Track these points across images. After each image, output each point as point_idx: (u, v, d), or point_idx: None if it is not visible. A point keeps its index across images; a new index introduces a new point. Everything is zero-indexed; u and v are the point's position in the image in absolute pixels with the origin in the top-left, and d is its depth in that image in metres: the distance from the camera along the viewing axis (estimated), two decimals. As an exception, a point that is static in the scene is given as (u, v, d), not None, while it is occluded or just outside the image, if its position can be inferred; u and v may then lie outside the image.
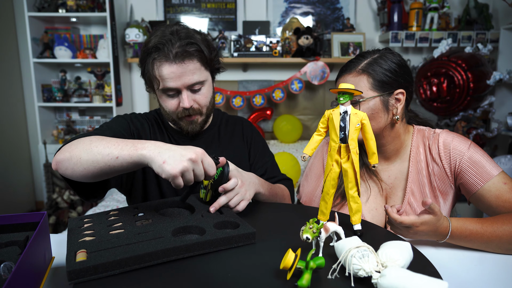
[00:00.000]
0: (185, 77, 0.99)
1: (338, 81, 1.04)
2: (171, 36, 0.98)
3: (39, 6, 2.94)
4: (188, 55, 0.98)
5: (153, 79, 1.01)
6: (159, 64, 0.98)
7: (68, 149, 0.83)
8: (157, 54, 0.98)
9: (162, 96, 1.05)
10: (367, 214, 1.04)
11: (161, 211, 0.85)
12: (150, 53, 0.99)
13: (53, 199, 2.98)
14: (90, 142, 0.81)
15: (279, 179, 1.22)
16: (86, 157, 0.79)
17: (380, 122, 0.99)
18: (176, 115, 1.05)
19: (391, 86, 0.98)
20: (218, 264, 0.64)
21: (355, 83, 0.97)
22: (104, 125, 1.05)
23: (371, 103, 0.97)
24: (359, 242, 0.60)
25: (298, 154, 2.90)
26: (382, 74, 0.97)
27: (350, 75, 0.99)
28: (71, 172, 0.82)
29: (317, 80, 2.95)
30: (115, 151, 0.77)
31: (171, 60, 0.97)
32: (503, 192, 0.92)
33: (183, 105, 1.01)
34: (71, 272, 0.57)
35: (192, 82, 1.00)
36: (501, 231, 0.84)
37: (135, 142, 0.78)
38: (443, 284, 0.50)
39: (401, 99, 0.99)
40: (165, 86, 1.00)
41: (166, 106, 1.05)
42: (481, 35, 2.91)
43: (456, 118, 2.80)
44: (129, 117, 1.13)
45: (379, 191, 1.07)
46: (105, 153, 0.78)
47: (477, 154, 0.97)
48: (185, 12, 3.23)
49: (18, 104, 3.34)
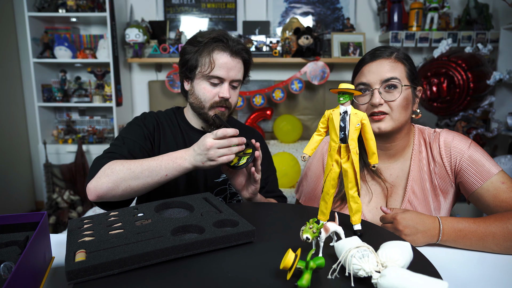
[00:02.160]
0: (233, 71, 1.11)
1: (368, 65, 1.01)
2: (228, 35, 1.13)
3: (39, 6, 2.94)
4: (242, 54, 1.13)
5: (204, 64, 1.10)
6: (218, 52, 1.09)
7: (107, 179, 0.95)
8: (218, 44, 1.10)
9: (203, 83, 1.12)
10: (368, 213, 1.05)
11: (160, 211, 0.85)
12: (208, 43, 1.10)
13: (53, 199, 2.98)
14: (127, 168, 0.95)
15: (276, 195, 1.26)
16: (136, 183, 0.95)
17: (408, 113, 1.01)
18: (211, 103, 1.12)
19: (417, 81, 1.03)
20: (218, 264, 0.64)
21: (393, 68, 0.98)
22: (119, 137, 1.11)
23: (406, 92, 0.99)
24: (359, 242, 0.60)
25: (298, 154, 2.90)
26: (413, 67, 1.01)
27: (387, 60, 0.99)
28: (119, 198, 0.97)
29: (317, 80, 2.95)
30: (162, 171, 0.95)
31: (230, 52, 1.10)
32: (500, 192, 0.92)
33: (223, 95, 1.11)
34: (70, 272, 0.57)
35: (236, 78, 1.13)
36: (494, 228, 0.84)
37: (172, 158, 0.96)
38: (443, 284, 0.50)
39: (419, 96, 1.04)
40: (216, 74, 1.09)
41: (205, 93, 1.12)
42: (481, 35, 2.91)
43: (456, 118, 2.80)
44: (141, 120, 1.17)
45: (382, 190, 1.07)
46: (154, 175, 0.95)
47: (477, 153, 0.98)
48: (185, 12, 3.23)
49: (18, 104, 3.34)
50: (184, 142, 1.19)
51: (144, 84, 3.35)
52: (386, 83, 0.97)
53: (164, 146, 1.16)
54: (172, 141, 1.18)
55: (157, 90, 3.21)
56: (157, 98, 3.22)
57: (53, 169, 3.02)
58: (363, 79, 1.01)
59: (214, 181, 1.19)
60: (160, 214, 0.81)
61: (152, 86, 3.24)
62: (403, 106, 0.98)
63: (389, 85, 0.97)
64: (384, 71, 0.98)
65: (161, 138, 1.16)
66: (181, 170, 0.95)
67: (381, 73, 0.98)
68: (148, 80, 3.31)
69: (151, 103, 3.28)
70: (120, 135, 1.13)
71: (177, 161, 0.95)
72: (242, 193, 1.04)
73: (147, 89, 3.34)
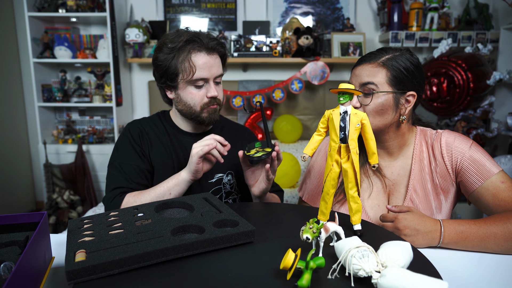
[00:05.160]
0: (214, 68, 1.10)
1: (355, 69, 1.04)
2: (199, 33, 1.11)
3: (39, 6, 2.94)
4: (217, 49, 1.12)
5: (185, 70, 1.08)
6: (195, 53, 1.08)
7: None
8: (193, 45, 1.08)
9: (188, 89, 1.11)
10: (370, 210, 1.05)
11: (160, 211, 0.85)
12: (182, 47, 1.08)
13: (53, 199, 2.98)
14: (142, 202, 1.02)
15: (274, 190, 1.28)
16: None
17: (387, 119, 1.00)
18: (201, 105, 1.12)
19: (405, 85, 1.00)
20: (218, 264, 0.64)
21: (373, 74, 0.99)
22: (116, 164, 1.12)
23: (383, 98, 0.98)
24: (359, 242, 0.60)
25: (298, 154, 2.90)
26: (399, 72, 0.99)
27: (369, 65, 1.00)
28: None
29: (317, 80, 2.95)
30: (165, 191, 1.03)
31: (207, 50, 1.09)
32: (500, 191, 0.93)
33: (212, 94, 1.11)
34: (70, 272, 0.57)
35: (218, 74, 1.12)
36: (495, 229, 0.84)
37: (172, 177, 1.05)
38: (443, 284, 0.50)
39: (411, 102, 1.01)
40: (199, 76, 1.08)
41: (193, 98, 1.11)
42: (481, 35, 2.91)
43: (456, 118, 2.80)
44: (128, 137, 1.16)
45: (383, 187, 1.07)
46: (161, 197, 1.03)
47: (478, 153, 0.99)
48: (185, 12, 3.23)
49: (18, 104, 3.34)
50: (173, 146, 1.18)
51: (144, 84, 3.35)
52: (363, 87, 1.00)
53: (153, 154, 1.16)
54: (159, 145, 1.17)
55: (157, 90, 3.18)
56: (157, 98, 3.22)
57: (53, 169, 3.02)
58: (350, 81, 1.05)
59: (208, 181, 1.19)
60: (160, 214, 0.81)
61: (152, 86, 3.24)
62: (377, 112, 0.98)
63: (365, 90, 0.99)
64: (364, 75, 1.00)
65: (148, 146, 1.16)
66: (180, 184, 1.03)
67: (361, 77, 1.00)
68: (148, 80, 3.31)
69: (151, 103, 3.28)
70: (115, 161, 1.13)
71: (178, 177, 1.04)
72: (253, 189, 1.09)
73: (147, 89, 3.34)
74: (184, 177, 1.03)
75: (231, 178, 1.22)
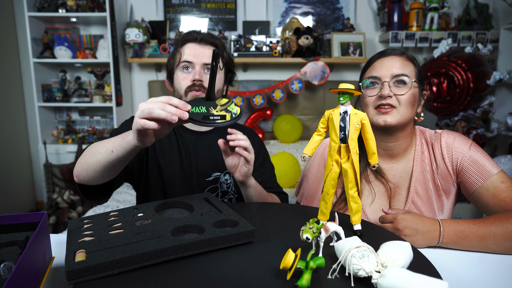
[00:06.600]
0: (203, 56, 1.15)
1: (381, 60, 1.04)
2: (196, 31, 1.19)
3: (39, 6, 2.94)
4: (209, 40, 1.17)
5: (176, 59, 1.18)
6: (184, 44, 1.17)
7: (80, 160, 0.94)
8: (186, 37, 1.18)
9: (177, 74, 1.17)
10: (371, 215, 1.04)
11: (160, 211, 0.85)
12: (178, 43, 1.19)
13: (53, 199, 2.98)
14: (91, 147, 0.92)
15: (275, 191, 1.24)
16: (92, 160, 0.89)
17: (413, 111, 1.02)
18: (185, 88, 1.15)
19: (422, 83, 1.05)
20: (218, 264, 0.64)
21: (404, 66, 1.01)
22: (113, 132, 1.14)
23: (415, 90, 1.01)
24: (359, 242, 0.60)
25: (298, 154, 2.90)
26: (421, 69, 1.04)
27: (399, 57, 1.03)
28: (87, 178, 0.92)
29: (317, 80, 2.95)
30: (110, 147, 0.87)
31: (197, 41, 1.17)
32: (499, 191, 0.93)
33: (195, 77, 1.13)
34: (70, 272, 0.57)
35: (206, 61, 1.15)
36: (495, 228, 0.84)
37: (123, 135, 0.86)
38: (443, 284, 0.50)
39: (424, 99, 1.06)
40: (184, 59, 1.15)
41: (180, 81, 1.16)
42: (481, 35, 2.91)
43: (456, 118, 2.80)
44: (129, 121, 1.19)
45: (386, 190, 1.07)
46: (103, 151, 0.87)
47: (477, 153, 0.99)
48: (185, 12, 3.23)
49: (18, 104, 3.34)
50: (178, 142, 1.21)
51: (144, 84, 3.35)
52: (396, 78, 1.00)
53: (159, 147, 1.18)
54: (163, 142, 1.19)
55: (157, 90, 3.21)
56: (157, 98, 3.22)
57: (53, 169, 3.02)
58: (374, 73, 1.03)
59: (206, 179, 1.19)
60: (160, 214, 0.81)
61: (152, 86, 3.24)
62: (411, 102, 1.00)
63: (399, 80, 1.00)
64: (396, 66, 1.01)
65: None
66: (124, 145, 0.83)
67: (393, 68, 1.00)
68: (148, 80, 3.31)
69: (151, 103, 3.27)
70: (114, 130, 1.16)
71: (125, 138, 0.84)
72: (235, 175, 1.02)
73: (147, 89, 3.34)
74: (130, 140, 0.83)
75: (228, 177, 1.22)
